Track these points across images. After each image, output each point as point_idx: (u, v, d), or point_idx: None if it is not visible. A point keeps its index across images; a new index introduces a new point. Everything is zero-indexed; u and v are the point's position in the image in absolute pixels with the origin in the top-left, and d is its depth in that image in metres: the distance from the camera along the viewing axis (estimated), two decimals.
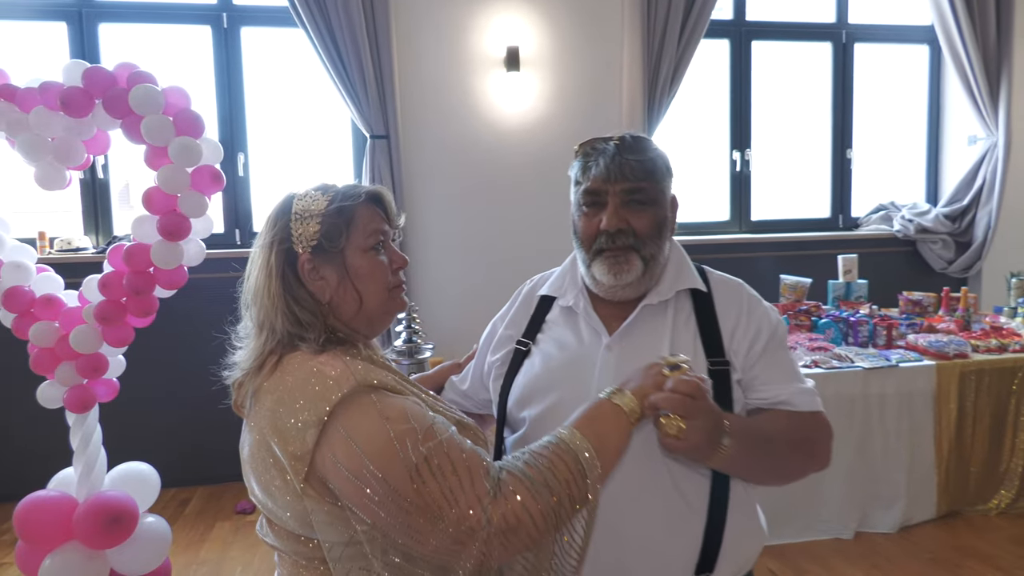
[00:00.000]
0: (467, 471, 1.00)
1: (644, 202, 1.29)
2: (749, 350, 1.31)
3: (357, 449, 0.98)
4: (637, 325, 1.34)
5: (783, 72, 4.53)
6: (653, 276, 1.33)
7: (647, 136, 1.36)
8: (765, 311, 1.37)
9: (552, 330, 1.44)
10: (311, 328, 1.11)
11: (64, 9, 3.67)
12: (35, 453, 3.46)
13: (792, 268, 3.96)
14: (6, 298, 2.33)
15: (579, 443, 1.07)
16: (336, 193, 1.18)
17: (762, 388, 1.31)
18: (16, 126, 2.21)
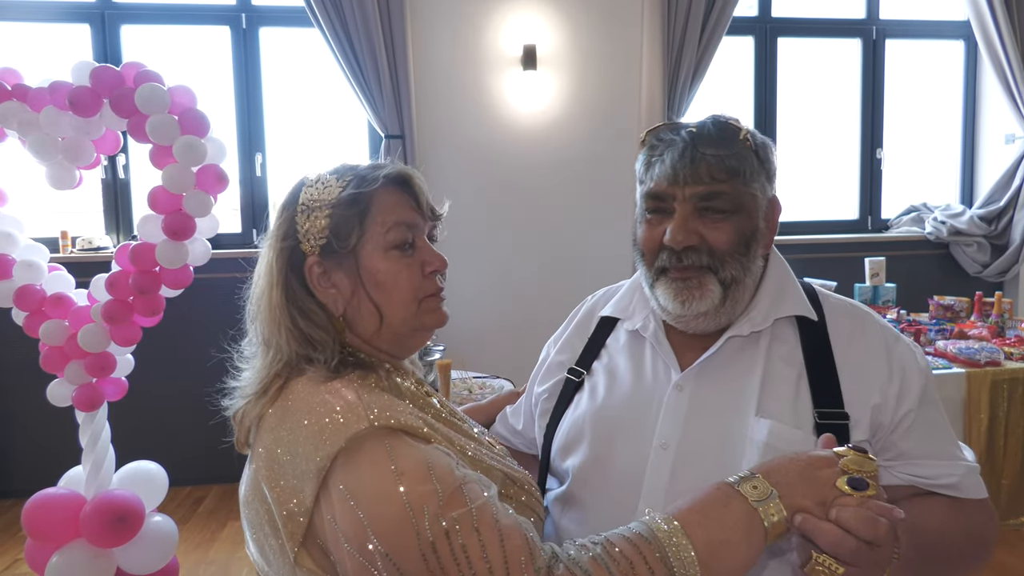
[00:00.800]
0: (502, 557, 0.74)
1: (724, 210, 1.00)
2: (898, 405, 1.00)
3: (360, 514, 0.75)
4: (719, 360, 1.05)
5: (810, 70, 4.40)
6: (738, 302, 1.04)
7: (735, 119, 1.04)
8: (909, 350, 1.05)
9: (612, 359, 1.16)
10: (321, 347, 0.89)
11: (87, 11, 3.72)
12: (47, 450, 3.52)
13: (817, 271, 3.85)
14: (18, 296, 2.35)
15: (680, 550, 0.75)
16: (352, 177, 0.94)
17: (919, 463, 0.99)
18: (27, 126, 2.22)
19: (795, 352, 1.04)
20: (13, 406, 3.64)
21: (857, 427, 0.98)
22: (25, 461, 3.67)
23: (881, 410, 0.99)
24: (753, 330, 1.05)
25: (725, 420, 1.01)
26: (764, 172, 1.04)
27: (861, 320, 1.08)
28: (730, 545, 0.76)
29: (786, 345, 1.05)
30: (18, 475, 3.66)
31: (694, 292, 1.01)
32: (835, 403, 0.99)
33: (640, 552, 0.75)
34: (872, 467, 0.79)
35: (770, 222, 1.07)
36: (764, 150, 1.05)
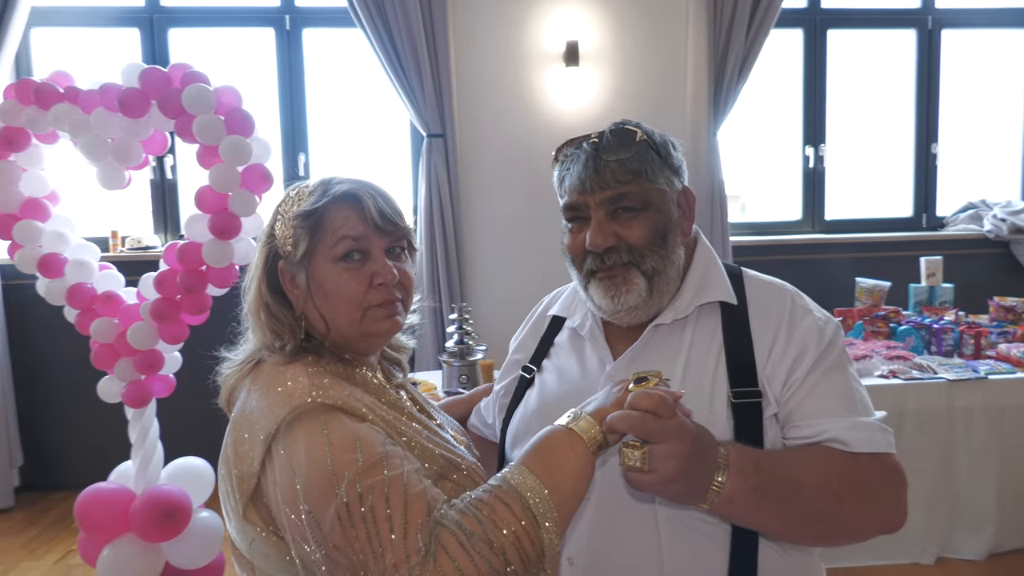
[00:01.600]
0: (403, 518, 0.84)
1: (634, 208, 1.07)
2: (789, 375, 1.04)
3: (294, 477, 0.88)
4: (647, 350, 1.11)
5: (862, 62, 4.26)
6: (665, 292, 1.10)
7: (634, 123, 1.12)
8: (814, 323, 1.09)
9: (558, 356, 1.24)
10: (280, 337, 1.02)
11: (137, 16, 3.80)
12: (98, 445, 3.60)
13: (869, 271, 3.72)
14: (70, 295, 2.40)
15: (527, 482, 0.88)
16: (316, 191, 1.04)
17: (802, 422, 1.03)
18: (79, 127, 2.26)
19: (715, 336, 1.10)
20: (66, 402, 3.74)
21: (768, 402, 1.04)
22: (77, 455, 3.76)
23: (785, 382, 1.04)
24: (676, 318, 1.11)
25: None
26: (667, 167, 1.11)
27: (778, 299, 1.12)
28: (560, 461, 0.90)
29: (707, 330, 1.11)
30: (71, 469, 3.76)
31: (620, 288, 1.08)
32: (748, 382, 1.04)
33: (498, 496, 0.88)
34: (651, 372, 0.93)
35: (686, 211, 1.14)
36: (664, 147, 1.12)
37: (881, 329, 3.32)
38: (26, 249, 2.39)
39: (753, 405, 1.04)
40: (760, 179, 4.32)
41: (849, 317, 3.41)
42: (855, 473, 0.99)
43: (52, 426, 3.77)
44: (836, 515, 0.98)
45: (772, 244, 4.03)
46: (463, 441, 1.17)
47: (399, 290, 1.05)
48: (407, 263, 1.09)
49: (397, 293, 1.05)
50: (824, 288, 3.97)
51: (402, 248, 1.07)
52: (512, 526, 0.85)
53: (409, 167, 3.96)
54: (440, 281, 3.68)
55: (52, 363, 3.72)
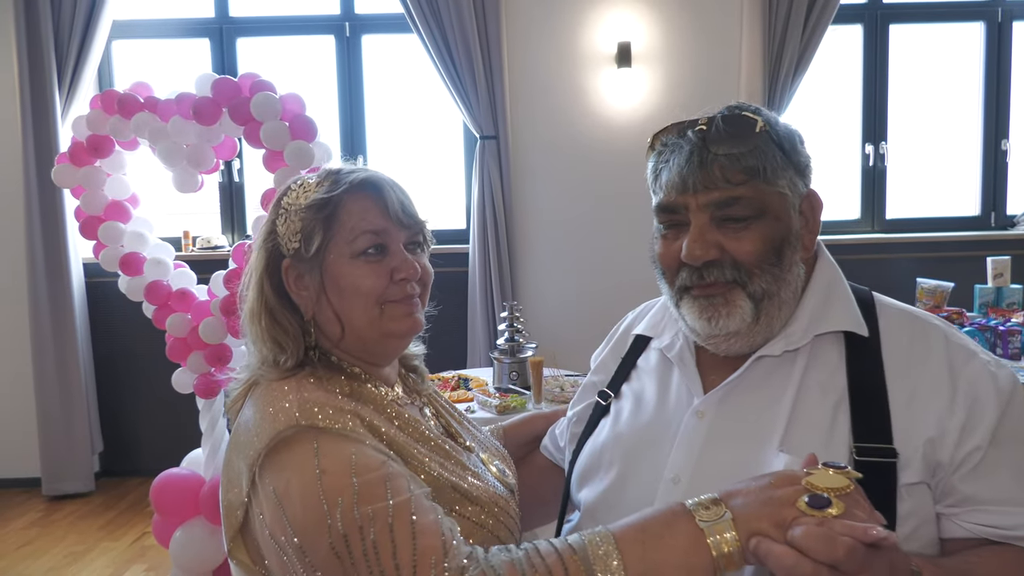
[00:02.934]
0: (411, 554, 0.72)
1: (745, 216, 0.88)
2: (961, 440, 0.83)
3: (282, 511, 0.77)
4: (746, 385, 0.93)
5: (925, 57, 4.14)
6: (775, 318, 0.91)
7: (752, 108, 0.92)
8: (985, 371, 0.86)
9: (640, 381, 1.06)
10: (281, 347, 0.91)
11: (207, 27, 3.99)
12: (173, 433, 3.80)
13: (932, 271, 3.61)
14: (148, 291, 2.56)
15: (607, 562, 0.70)
16: (326, 180, 0.94)
17: (988, 510, 0.81)
18: (157, 134, 2.42)
19: (837, 375, 0.89)
20: (143, 393, 3.96)
21: (908, 466, 0.82)
22: (152, 443, 3.98)
23: (938, 446, 0.83)
24: (787, 349, 0.92)
25: (743, 453, 0.88)
26: (792, 166, 0.91)
27: (925, 335, 0.90)
28: (667, 567, 0.70)
29: (827, 367, 0.90)
30: (146, 456, 3.98)
31: (720, 309, 0.90)
32: (880, 437, 0.83)
33: (563, 562, 0.71)
34: (842, 483, 0.69)
35: (809, 221, 0.95)
36: (789, 140, 0.92)
37: None
38: (109, 248, 2.57)
39: (884, 467, 0.82)
40: (816, 177, 4.23)
41: None
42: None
43: (130, 415, 4.00)
44: None
45: (830, 244, 3.89)
46: (496, 467, 1.04)
47: (418, 285, 0.97)
48: (424, 258, 1.01)
49: (416, 288, 0.97)
50: (883, 289, 3.85)
51: (420, 242, 1.00)
52: None
53: (462, 169, 4.04)
54: (492, 280, 3.75)
55: (130, 356, 3.94)
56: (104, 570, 2.95)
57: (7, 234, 3.80)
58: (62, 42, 3.64)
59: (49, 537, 3.27)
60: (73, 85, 3.67)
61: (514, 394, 2.49)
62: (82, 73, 3.67)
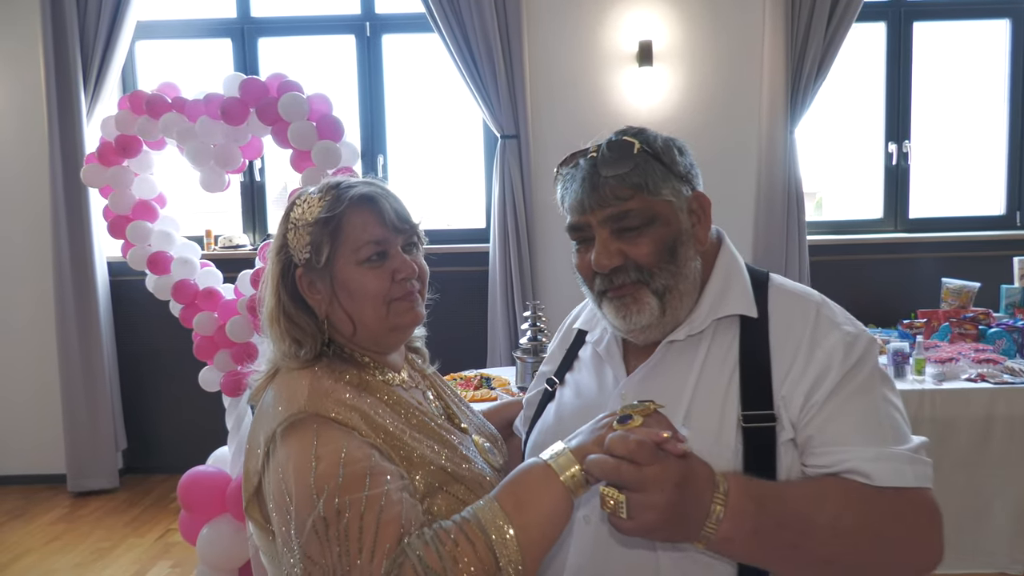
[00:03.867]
0: (372, 542, 0.85)
1: (638, 225, 1.00)
2: (808, 396, 0.95)
3: (282, 482, 0.91)
4: (659, 369, 1.06)
5: (949, 55, 4.10)
6: (679, 308, 1.04)
7: (634, 132, 1.05)
8: (840, 338, 0.99)
9: (579, 370, 1.20)
10: (300, 344, 1.04)
11: (229, 27, 4.02)
12: (195, 431, 3.84)
13: (957, 271, 3.58)
14: (175, 290, 2.58)
15: (495, 519, 0.86)
16: (328, 197, 1.06)
17: (821, 450, 0.94)
18: (185, 135, 2.44)
19: (731, 352, 1.02)
20: (166, 391, 4.00)
21: (783, 427, 0.95)
22: (175, 441, 4.02)
23: (790, 405, 0.96)
24: (690, 333, 1.04)
25: None
26: (672, 175, 1.03)
27: (803, 311, 1.03)
28: (533, 499, 0.87)
29: (723, 346, 1.03)
30: (169, 453, 4.02)
31: (631, 307, 1.03)
32: (762, 404, 0.96)
33: (460, 528, 0.86)
34: (638, 408, 0.87)
35: (700, 218, 1.07)
36: (668, 154, 1.04)
37: (969, 331, 3.20)
38: (137, 248, 2.59)
39: (766, 430, 0.95)
40: (837, 176, 4.21)
41: (934, 319, 3.30)
42: (876, 510, 0.89)
43: (152, 413, 4.04)
44: (852, 558, 0.89)
45: (851, 243, 3.92)
46: (486, 449, 1.17)
47: (417, 282, 1.10)
48: (420, 255, 1.13)
49: (416, 284, 1.10)
50: (906, 289, 3.85)
51: (414, 243, 1.12)
52: (472, 565, 0.84)
53: (482, 168, 4.05)
54: (512, 280, 3.76)
55: (154, 354, 3.98)
56: (131, 566, 2.98)
57: (34, 233, 3.85)
58: (88, 43, 3.68)
59: (76, 533, 3.31)
60: (98, 86, 3.71)
61: None
62: (107, 74, 3.70)
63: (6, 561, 3.05)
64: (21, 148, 3.83)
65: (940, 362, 2.81)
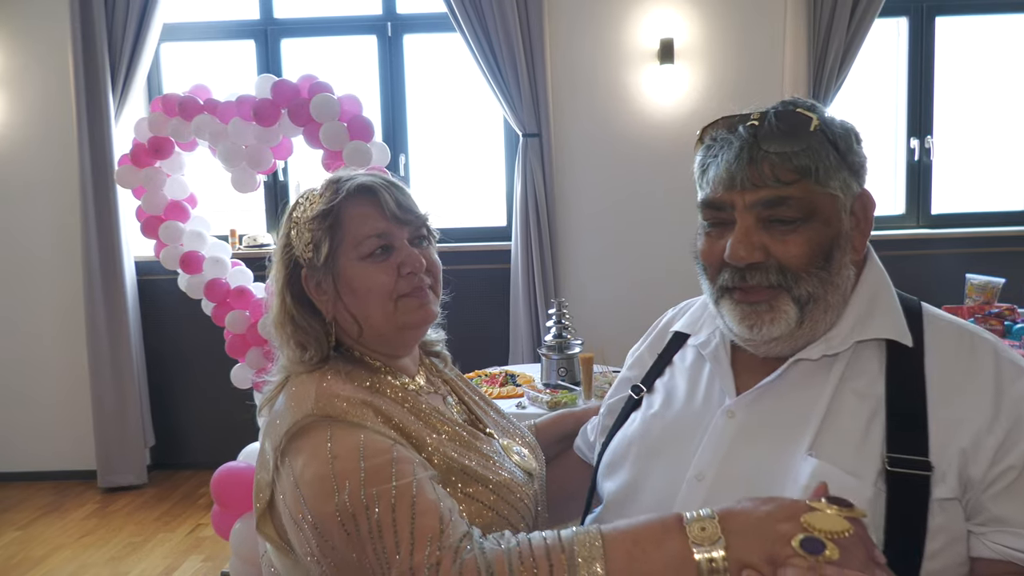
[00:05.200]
0: (410, 534, 0.78)
1: (794, 218, 0.85)
2: (999, 456, 0.80)
3: (297, 488, 0.85)
4: (781, 388, 0.90)
5: (972, 50, 4.07)
6: (820, 323, 0.89)
7: (808, 104, 0.90)
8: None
9: (674, 377, 1.05)
10: (305, 348, 0.98)
11: (253, 28, 4.06)
12: (221, 428, 3.90)
13: (981, 267, 3.56)
14: (207, 289, 2.63)
15: (590, 565, 0.73)
16: (327, 190, 1.00)
17: (1011, 531, 0.80)
18: (217, 136, 2.48)
19: (876, 383, 0.86)
20: (192, 388, 4.06)
21: (942, 481, 0.80)
22: (201, 437, 4.08)
23: (971, 460, 0.80)
24: (826, 354, 0.89)
25: (771, 455, 0.87)
26: (846, 166, 0.88)
27: (972, 349, 0.87)
28: (649, 557, 0.73)
29: (866, 375, 0.88)
30: (195, 450, 4.09)
31: (764, 316, 0.87)
32: (916, 449, 0.80)
33: (549, 559, 0.75)
34: (841, 526, 0.68)
35: (860, 222, 0.92)
36: (845, 140, 0.89)
37: (995, 327, 3.19)
38: (170, 247, 2.64)
39: (917, 480, 0.79)
40: None
41: (958, 315, 3.28)
42: None
43: (179, 410, 4.10)
44: None
45: (873, 239, 3.80)
46: (514, 452, 1.08)
47: (428, 277, 1.02)
48: (432, 250, 1.06)
49: (426, 280, 1.02)
50: (930, 285, 3.83)
51: (424, 236, 1.04)
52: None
53: (503, 166, 4.07)
54: (535, 277, 3.78)
55: (179, 353, 4.04)
56: (162, 560, 3.03)
57: (63, 233, 3.92)
58: (115, 46, 3.73)
59: (107, 528, 3.37)
60: (125, 88, 3.76)
61: (564, 390, 2.52)
62: (134, 76, 3.76)
63: (42, 554, 3.11)
64: (50, 149, 3.90)
65: None
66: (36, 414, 4.02)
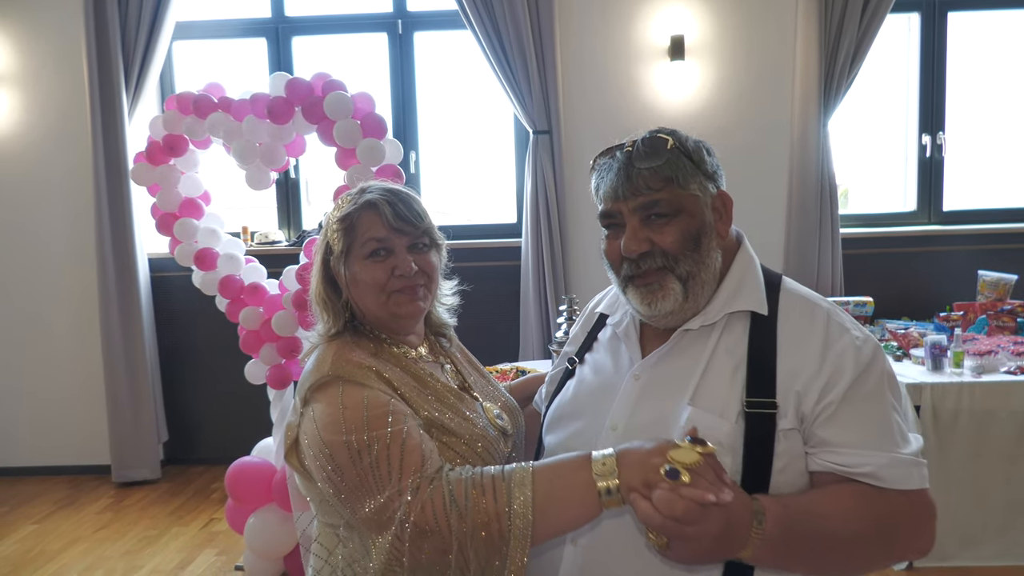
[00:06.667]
0: (399, 465, 1.04)
1: (666, 213, 1.10)
2: (823, 395, 1.04)
3: (316, 428, 1.11)
4: (673, 353, 1.15)
5: (985, 45, 4.05)
6: (700, 296, 1.13)
7: (668, 131, 1.15)
8: (851, 343, 1.08)
9: (598, 351, 1.31)
10: (328, 319, 1.25)
11: (264, 26, 4.09)
12: (236, 423, 3.93)
13: (993, 263, 3.56)
14: (222, 286, 2.65)
15: (523, 495, 0.99)
16: (350, 200, 1.25)
17: (841, 450, 1.03)
18: (232, 134, 2.50)
19: (740, 344, 1.11)
20: (205, 384, 4.09)
21: (784, 416, 1.04)
22: (212, 432, 4.12)
23: (803, 399, 1.05)
24: (704, 324, 1.14)
25: (663, 406, 1.12)
26: (700, 173, 1.13)
27: (812, 314, 1.12)
28: (564, 501, 0.99)
29: (733, 338, 1.12)
30: (208, 445, 4.12)
31: (657, 294, 1.11)
32: (765, 393, 1.05)
33: (493, 485, 1.01)
34: (694, 459, 0.91)
35: (722, 215, 1.16)
36: (697, 153, 1.14)
37: (1007, 324, 3.19)
38: (184, 244, 2.66)
39: (766, 416, 1.04)
40: (865, 168, 4.18)
41: (970, 311, 3.28)
42: (885, 512, 1.02)
43: (192, 406, 4.13)
44: (862, 558, 1.03)
45: (884, 236, 3.90)
46: (494, 415, 1.32)
47: (420, 278, 1.25)
48: (432, 255, 1.28)
49: (419, 280, 1.25)
50: (941, 282, 3.83)
51: (424, 244, 1.27)
52: (487, 516, 0.99)
53: (513, 163, 4.08)
54: (544, 274, 3.79)
55: (192, 349, 4.08)
56: (177, 554, 3.06)
57: (77, 230, 3.95)
58: (129, 44, 3.76)
59: (122, 522, 3.41)
60: (139, 86, 3.79)
61: None
62: (147, 74, 3.79)
63: (59, 547, 3.15)
64: (65, 147, 3.93)
65: (979, 355, 2.80)
66: (51, 410, 4.06)
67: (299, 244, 3.97)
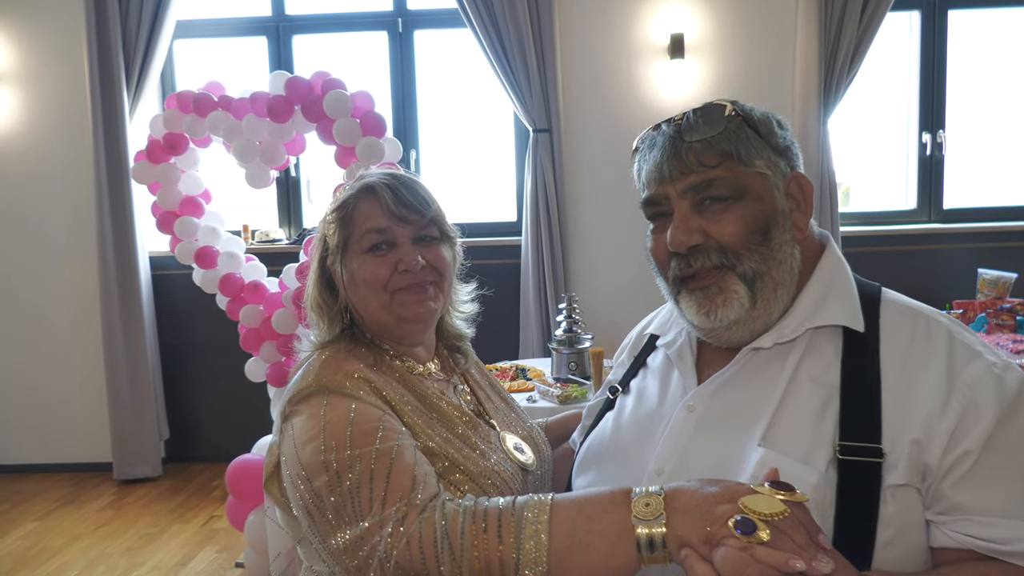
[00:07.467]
0: (384, 488, 0.86)
1: (725, 197, 0.87)
2: (954, 442, 0.79)
3: (294, 446, 0.94)
4: (738, 378, 0.91)
5: (985, 43, 4.05)
6: (772, 302, 0.89)
7: (725, 101, 0.92)
8: (988, 372, 0.81)
9: (646, 378, 1.07)
10: (323, 324, 1.09)
11: (264, 25, 4.09)
12: (236, 421, 3.94)
13: (993, 262, 3.55)
14: (222, 284, 2.66)
15: (536, 529, 0.77)
16: (352, 185, 1.10)
17: (977, 520, 0.78)
18: (232, 132, 2.51)
19: (830, 370, 0.86)
20: (206, 382, 4.10)
21: (894, 468, 0.79)
22: (213, 430, 4.13)
23: (924, 449, 0.79)
24: (778, 342, 0.89)
25: (725, 446, 0.88)
26: (769, 147, 0.90)
27: (928, 333, 0.86)
28: (590, 549, 0.74)
29: (821, 361, 0.87)
30: (207, 442, 4.13)
31: (716, 299, 0.88)
32: (868, 436, 0.80)
33: (499, 520, 0.79)
34: (777, 509, 0.68)
35: (800, 203, 0.92)
36: (765, 124, 0.91)
37: (1006, 322, 3.19)
38: (185, 243, 2.67)
39: (869, 467, 0.79)
40: (865, 166, 4.17)
41: (970, 310, 3.28)
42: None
43: (193, 404, 4.14)
44: None
45: (884, 234, 3.90)
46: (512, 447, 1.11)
47: (429, 274, 1.07)
48: (442, 248, 1.10)
49: (428, 277, 1.07)
50: (941, 280, 3.83)
51: (432, 236, 1.09)
52: (487, 560, 0.78)
53: (513, 162, 4.08)
54: (545, 272, 3.79)
55: (193, 347, 4.08)
56: (178, 551, 3.07)
57: (78, 228, 3.96)
58: (129, 43, 3.77)
59: (124, 519, 3.42)
60: (140, 84, 3.80)
61: (574, 384, 2.53)
62: (148, 73, 3.79)
63: (60, 544, 3.16)
64: (66, 146, 3.94)
65: None
66: (53, 407, 4.07)
67: (299, 242, 3.98)
